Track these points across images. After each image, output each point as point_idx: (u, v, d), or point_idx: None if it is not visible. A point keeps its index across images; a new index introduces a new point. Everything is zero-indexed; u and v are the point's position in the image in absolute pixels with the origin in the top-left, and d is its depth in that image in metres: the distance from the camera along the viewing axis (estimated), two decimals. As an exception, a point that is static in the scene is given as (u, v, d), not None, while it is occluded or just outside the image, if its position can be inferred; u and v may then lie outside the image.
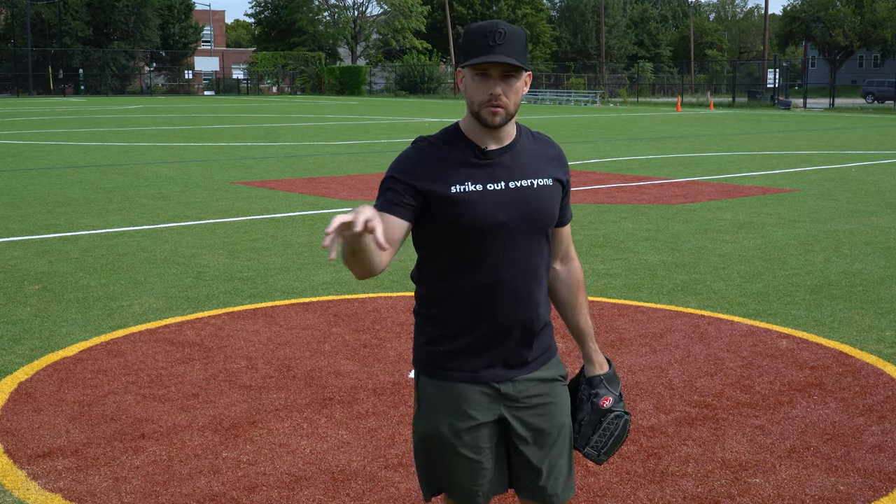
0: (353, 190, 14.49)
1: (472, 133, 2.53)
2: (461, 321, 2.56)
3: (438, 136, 2.57)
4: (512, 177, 2.52)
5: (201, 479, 4.17)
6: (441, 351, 2.59)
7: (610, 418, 2.71)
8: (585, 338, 2.75)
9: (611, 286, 7.93)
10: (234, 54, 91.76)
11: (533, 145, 2.60)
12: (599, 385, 2.73)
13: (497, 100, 2.44)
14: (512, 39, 2.43)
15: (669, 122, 37.37)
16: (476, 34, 2.45)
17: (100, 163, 18.81)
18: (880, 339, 6.37)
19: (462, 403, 2.57)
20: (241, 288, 7.85)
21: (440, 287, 2.58)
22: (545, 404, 2.64)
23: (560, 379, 2.70)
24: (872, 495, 4.04)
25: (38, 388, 5.36)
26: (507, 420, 2.61)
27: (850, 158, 20.40)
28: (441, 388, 2.59)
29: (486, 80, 2.45)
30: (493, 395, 2.59)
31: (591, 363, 2.76)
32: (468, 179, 2.49)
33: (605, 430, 2.71)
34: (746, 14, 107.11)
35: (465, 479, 2.62)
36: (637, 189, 14.71)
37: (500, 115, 2.46)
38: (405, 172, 2.50)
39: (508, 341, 2.58)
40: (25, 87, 69.10)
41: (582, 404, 2.73)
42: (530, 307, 2.58)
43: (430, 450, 2.64)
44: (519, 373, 2.61)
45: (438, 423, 2.59)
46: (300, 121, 35.69)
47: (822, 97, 65.28)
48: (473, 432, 2.58)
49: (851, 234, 10.61)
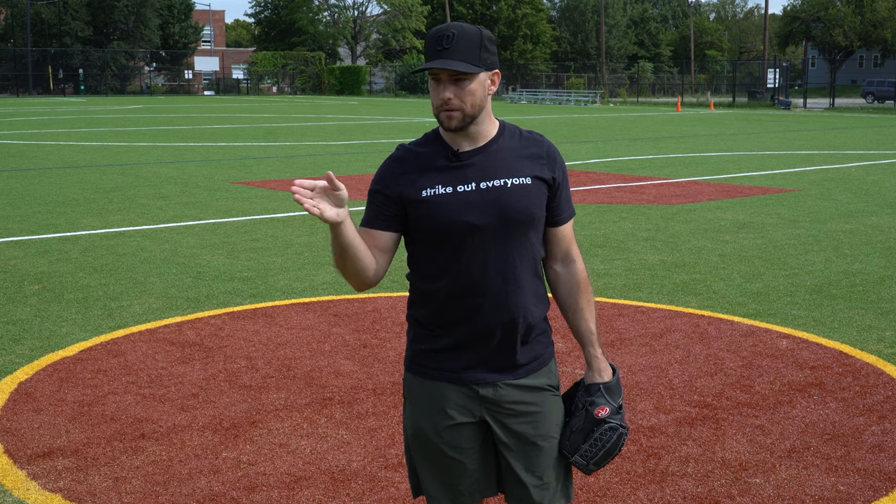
0: (354, 190, 14.48)
1: (447, 136, 2.56)
2: (440, 322, 2.58)
3: (417, 141, 2.61)
4: (484, 177, 2.51)
5: (201, 479, 4.17)
6: (423, 349, 2.61)
7: (603, 429, 2.62)
8: (586, 343, 2.68)
9: (611, 286, 7.93)
10: (234, 54, 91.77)
11: (515, 144, 2.57)
12: (597, 394, 2.64)
13: (448, 104, 2.46)
14: (461, 42, 2.43)
15: (669, 122, 37.37)
16: (429, 39, 2.48)
17: (100, 163, 18.81)
18: (880, 339, 6.37)
19: (442, 402, 2.58)
20: (241, 288, 7.85)
21: (423, 288, 2.61)
22: (531, 413, 2.60)
23: (550, 388, 2.65)
24: (872, 495, 4.04)
25: (38, 388, 5.36)
26: (489, 424, 2.60)
27: (850, 158, 20.39)
28: (424, 385, 2.61)
29: (439, 84, 2.48)
30: (472, 397, 2.58)
31: (591, 370, 2.68)
32: (438, 182, 2.51)
33: (596, 441, 2.62)
34: (746, 14, 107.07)
35: (448, 477, 2.63)
36: (637, 189, 14.71)
37: (456, 117, 2.47)
38: (382, 183, 2.57)
39: (488, 343, 2.56)
40: (25, 87, 69.11)
41: (576, 411, 2.65)
42: (510, 309, 2.54)
43: (416, 447, 2.66)
44: (504, 377, 2.58)
45: (422, 420, 2.61)
46: (300, 121, 35.70)
47: (822, 97, 65.27)
48: (453, 431, 2.58)
49: (851, 234, 10.61)
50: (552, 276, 2.70)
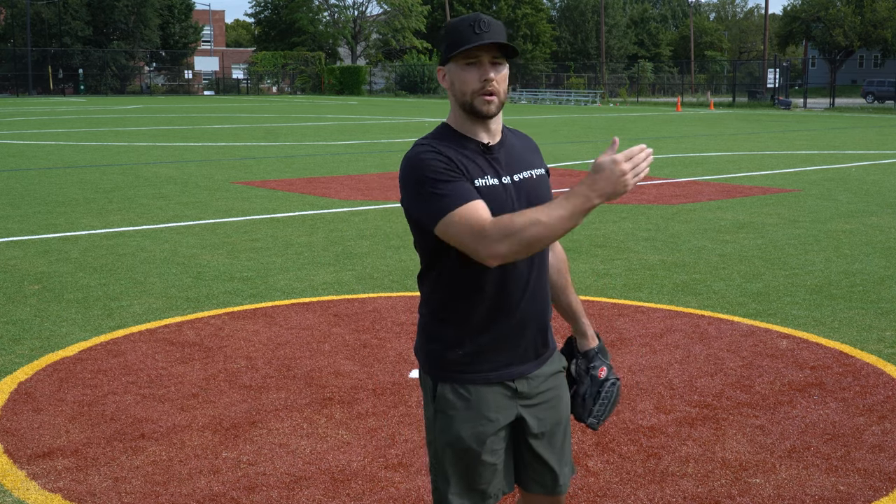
0: (354, 190, 14.49)
1: (466, 129, 2.51)
2: (481, 320, 2.53)
3: (436, 136, 2.51)
4: (514, 170, 2.53)
5: (201, 479, 4.17)
6: (460, 354, 2.55)
7: (607, 387, 2.81)
8: (577, 315, 2.81)
9: (611, 286, 7.93)
10: (234, 54, 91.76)
11: (517, 140, 2.62)
12: (595, 358, 2.82)
13: (490, 85, 2.43)
14: (496, 27, 2.45)
15: (669, 122, 37.36)
16: (460, 25, 2.45)
17: (100, 163, 18.81)
18: (880, 339, 6.37)
19: (483, 408, 2.55)
20: (241, 288, 7.85)
21: (457, 286, 2.52)
22: (553, 398, 2.68)
23: (562, 370, 2.75)
24: (872, 495, 4.04)
25: (38, 388, 5.36)
26: (522, 418, 2.60)
27: (850, 158, 20.39)
28: (460, 393, 2.56)
29: (477, 67, 2.44)
30: (510, 395, 2.58)
31: (586, 338, 2.83)
32: (486, 173, 2.47)
33: (604, 399, 2.81)
34: (746, 14, 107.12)
35: (481, 482, 2.59)
36: (637, 189, 14.70)
37: (495, 102, 2.46)
38: (445, 167, 2.41)
39: (526, 336, 2.58)
40: (25, 87, 69.10)
41: (581, 377, 2.81)
42: (542, 298, 2.60)
43: (452, 459, 2.58)
44: (531, 368, 2.61)
45: (461, 430, 2.55)
46: (300, 121, 35.69)
47: (822, 97, 65.27)
48: (495, 436, 2.56)
49: (851, 234, 10.61)
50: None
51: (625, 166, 2.22)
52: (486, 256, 2.33)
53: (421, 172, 2.41)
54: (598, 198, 2.23)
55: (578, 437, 4.60)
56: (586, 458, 4.39)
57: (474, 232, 2.32)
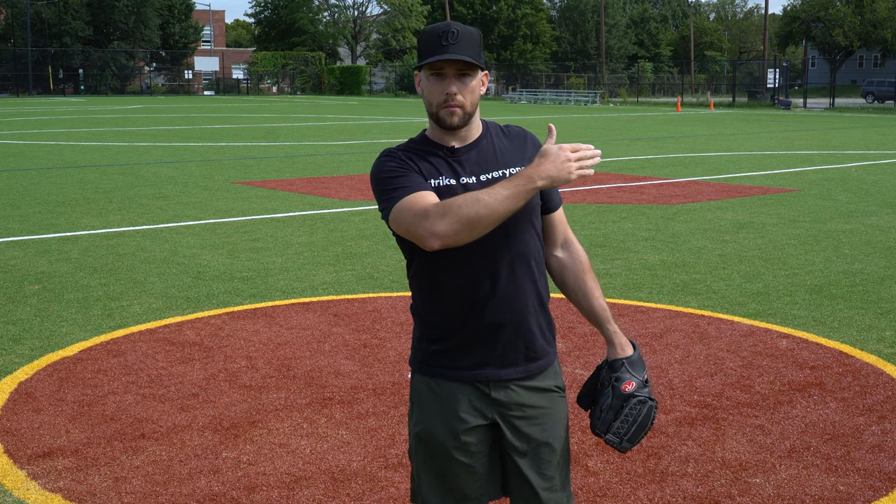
0: (353, 190, 14.49)
1: (436, 136, 2.55)
2: (449, 319, 2.55)
3: (403, 145, 2.59)
4: (482, 170, 2.53)
5: (201, 479, 4.18)
6: (434, 350, 2.58)
7: (632, 403, 2.59)
8: (602, 321, 2.65)
9: (611, 286, 7.93)
10: (234, 54, 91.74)
11: (501, 138, 2.60)
12: (621, 369, 2.62)
13: (453, 99, 2.46)
14: (465, 39, 2.45)
15: (669, 122, 37.37)
16: (430, 35, 2.47)
17: (100, 163, 18.81)
18: (880, 339, 6.37)
19: (454, 405, 2.56)
20: (241, 288, 7.85)
21: (430, 285, 2.57)
22: (540, 415, 2.60)
23: (557, 390, 2.65)
24: (872, 495, 4.04)
25: (38, 388, 5.36)
26: (500, 427, 2.58)
27: (850, 158, 20.39)
28: (433, 387, 2.59)
29: (442, 79, 2.47)
30: (482, 398, 2.56)
31: (613, 346, 2.65)
32: (442, 174, 2.50)
33: (627, 416, 2.59)
34: (746, 14, 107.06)
35: (457, 481, 2.60)
36: (637, 189, 14.71)
37: (458, 114, 2.48)
38: (398, 165, 2.50)
39: (500, 340, 2.55)
40: (25, 87, 69.09)
41: (603, 388, 2.63)
42: (518, 302, 2.55)
43: (423, 451, 2.62)
44: (511, 374, 2.57)
45: (432, 424, 2.58)
46: (300, 121, 35.70)
47: (822, 97, 65.25)
48: (465, 435, 2.56)
49: (851, 234, 10.61)
50: (556, 264, 2.68)
51: (570, 154, 2.33)
52: (426, 235, 2.36)
53: (376, 176, 2.53)
54: (542, 180, 2.32)
55: (578, 436, 4.60)
56: (586, 458, 4.39)
57: (417, 215, 2.38)
